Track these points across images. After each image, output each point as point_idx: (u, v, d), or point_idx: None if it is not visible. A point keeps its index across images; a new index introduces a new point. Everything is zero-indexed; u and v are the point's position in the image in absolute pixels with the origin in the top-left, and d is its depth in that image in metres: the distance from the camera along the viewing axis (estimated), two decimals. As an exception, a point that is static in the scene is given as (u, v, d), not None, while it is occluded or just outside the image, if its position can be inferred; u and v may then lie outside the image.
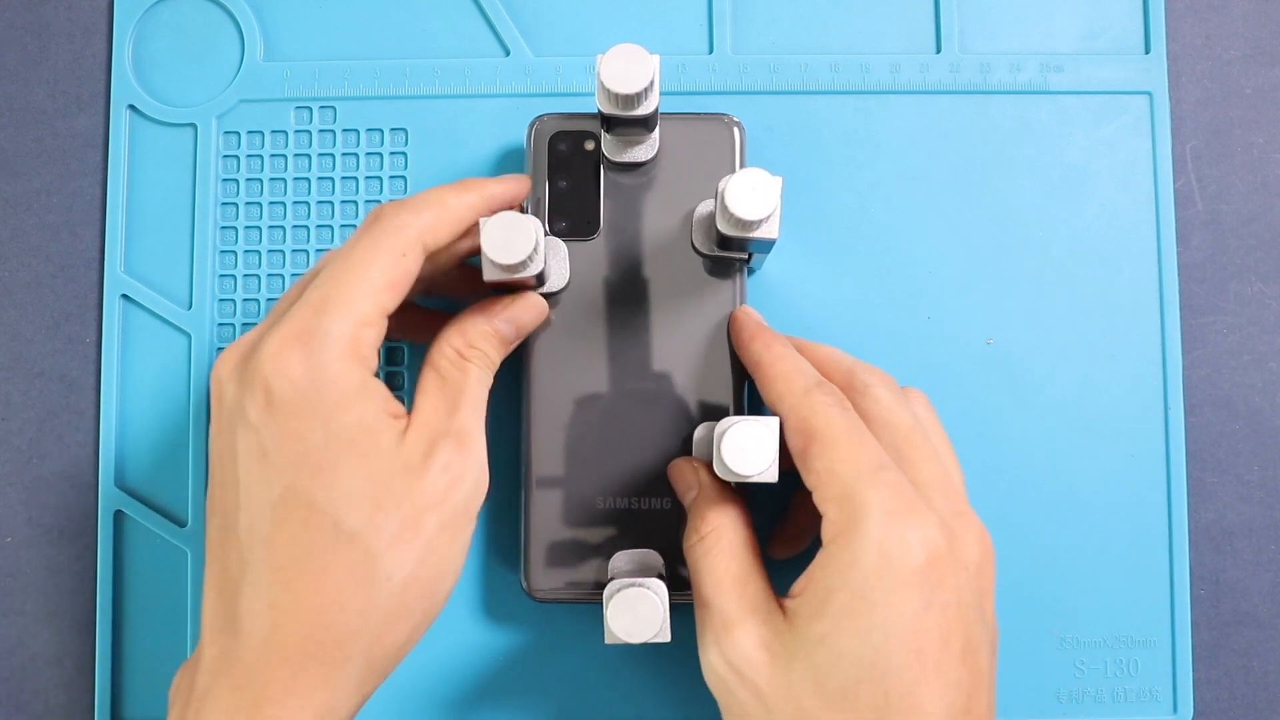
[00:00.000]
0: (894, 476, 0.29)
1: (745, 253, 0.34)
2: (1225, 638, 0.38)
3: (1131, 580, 0.37)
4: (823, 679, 0.27)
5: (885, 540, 0.27)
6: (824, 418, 0.29)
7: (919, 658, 0.27)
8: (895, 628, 0.27)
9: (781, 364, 0.32)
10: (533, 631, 0.37)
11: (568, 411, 0.34)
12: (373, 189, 0.38)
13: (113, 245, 0.38)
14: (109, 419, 0.38)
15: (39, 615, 0.38)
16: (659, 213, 0.35)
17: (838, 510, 0.28)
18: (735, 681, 0.29)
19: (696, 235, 0.35)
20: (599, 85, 0.31)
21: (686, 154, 0.35)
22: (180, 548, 0.38)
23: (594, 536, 0.34)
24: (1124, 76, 0.39)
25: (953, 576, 0.28)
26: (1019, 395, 0.38)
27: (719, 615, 0.29)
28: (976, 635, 0.28)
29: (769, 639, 0.29)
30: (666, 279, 0.35)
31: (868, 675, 0.27)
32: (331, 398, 0.28)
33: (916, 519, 0.28)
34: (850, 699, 0.27)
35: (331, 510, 0.27)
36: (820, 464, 0.29)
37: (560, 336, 0.35)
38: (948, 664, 0.27)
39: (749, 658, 0.29)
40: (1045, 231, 0.38)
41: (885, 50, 0.39)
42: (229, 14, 0.39)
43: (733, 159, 0.35)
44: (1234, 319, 0.39)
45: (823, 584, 0.28)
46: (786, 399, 0.31)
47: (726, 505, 0.32)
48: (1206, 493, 0.38)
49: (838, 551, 0.28)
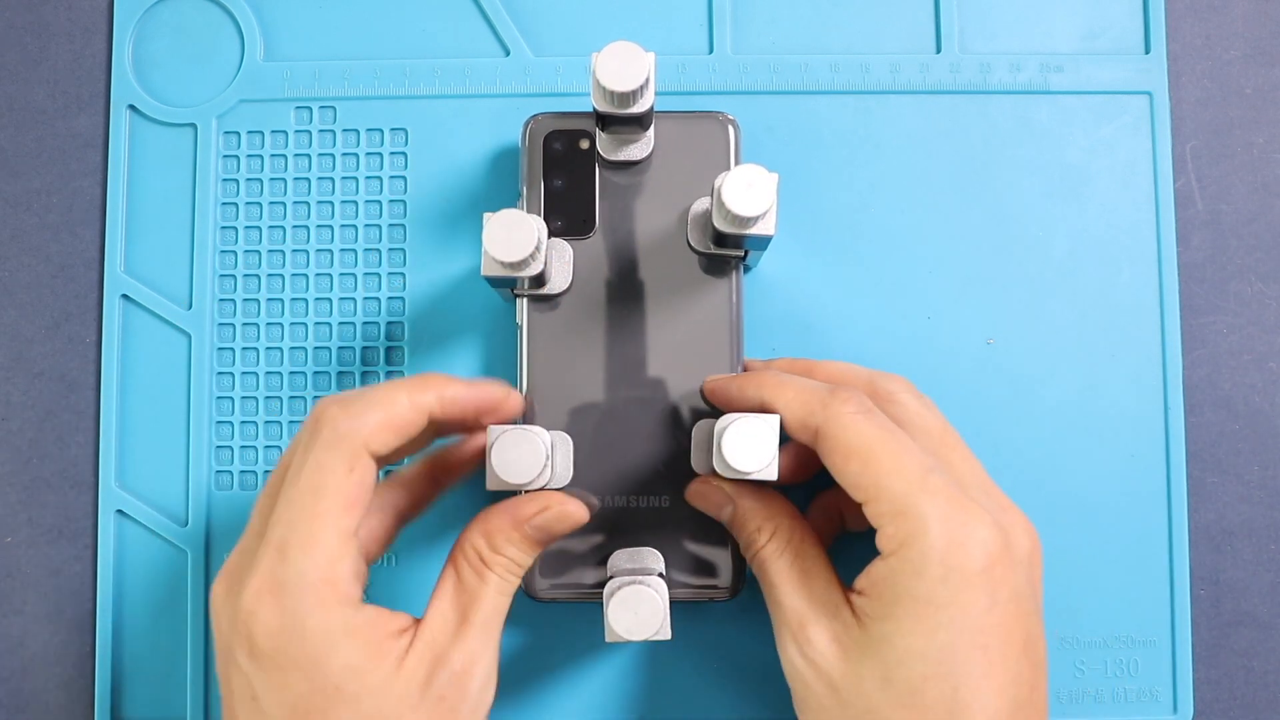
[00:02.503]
0: (941, 478, 0.29)
1: (741, 250, 0.34)
2: (1225, 638, 0.38)
3: (1131, 580, 0.37)
4: (891, 675, 0.28)
5: (948, 549, 0.28)
6: (855, 430, 0.29)
7: (985, 654, 0.28)
8: (962, 627, 0.28)
9: (785, 392, 0.31)
10: (533, 631, 0.37)
11: (564, 410, 0.34)
12: (373, 189, 0.38)
13: (113, 245, 0.38)
14: (109, 419, 0.38)
15: (39, 615, 0.38)
16: (655, 211, 0.35)
17: (894, 525, 0.28)
18: (812, 676, 0.29)
19: (692, 233, 0.34)
20: (594, 82, 0.31)
21: (681, 152, 0.35)
22: (180, 548, 0.38)
23: (593, 535, 0.34)
24: (1124, 76, 0.39)
25: (1010, 572, 0.29)
26: (1019, 395, 0.38)
27: (793, 614, 0.30)
28: (1034, 627, 0.29)
29: (840, 634, 0.29)
30: (663, 277, 0.35)
31: (935, 672, 0.28)
32: (312, 648, 0.27)
33: (973, 522, 0.28)
34: (918, 694, 0.28)
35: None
36: (866, 479, 0.29)
37: (557, 334, 0.35)
38: (1011, 658, 0.28)
39: (824, 653, 0.29)
40: (1045, 231, 0.38)
41: (885, 50, 0.39)
42: (229, 14, 0.39)
43: (728, 156, 0.35)
44: (1234, 319, 0.39)
45: (888, 590, 0.28)
46: (809, 421, 0.30)
47: (774, 506, 0.32)
48: (1206, 493, 0.38)
49: (900, 564, 0.28)
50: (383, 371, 0.38)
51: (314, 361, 0.38)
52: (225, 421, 0.38)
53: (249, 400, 0.38)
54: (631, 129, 0.34)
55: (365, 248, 0.38)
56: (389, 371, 0.38)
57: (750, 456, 0.29)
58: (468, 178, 0.38)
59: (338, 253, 0.38)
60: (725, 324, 0.35)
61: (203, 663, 0.37)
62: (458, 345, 0.38)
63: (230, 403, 0.38)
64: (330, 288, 0.38)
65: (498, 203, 0.38)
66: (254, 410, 0.38)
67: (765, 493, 0.32)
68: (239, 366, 0.38)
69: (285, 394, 0.38)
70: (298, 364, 0.38)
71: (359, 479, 0.28)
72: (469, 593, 0.30)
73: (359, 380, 0.38)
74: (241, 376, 0.38)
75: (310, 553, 0.27)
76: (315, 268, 0.38)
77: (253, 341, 0.38)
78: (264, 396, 0.38)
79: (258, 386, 0.38)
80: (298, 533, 0.27)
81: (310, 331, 0.38)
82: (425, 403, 0.29)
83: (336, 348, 0.38)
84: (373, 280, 0.38)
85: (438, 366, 0.38)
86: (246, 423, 0.38)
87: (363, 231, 0.38)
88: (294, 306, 0.38)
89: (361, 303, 0.38)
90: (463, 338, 0.38)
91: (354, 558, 0.28)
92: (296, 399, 0.38)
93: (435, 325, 0.38)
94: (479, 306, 0.38)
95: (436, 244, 0.38)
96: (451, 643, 0.29)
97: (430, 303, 0.38)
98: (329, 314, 0.38)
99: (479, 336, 0.38)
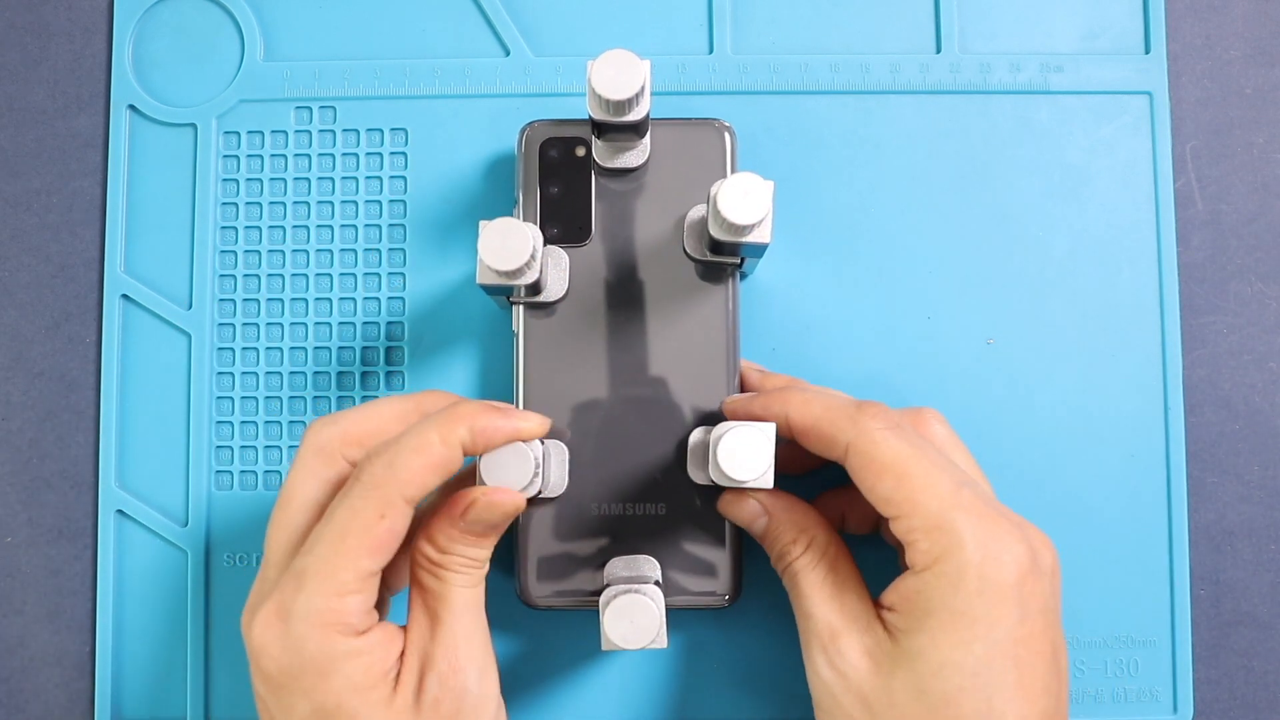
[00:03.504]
0: (973, 493, 0.29)
1: (738, 257, 0.34)
2: (1225, 638, 0.38)
3: (1132, 580, 0.37)
4: (925, 687, 0.28)
5: (983, 564, 0.28)
6: (887, 446, 0.29)
7: (1017, 666, 0.28)
8: (996, 640, 0.28)
9: (811, 408, 0.31)
10: (529, 639, 0.37)
11: (561, 417, 0.34)
12: (373, 189, 0.38)
13: (113, 245, 0.38)
14: (109, 419, 0.38)
15: (39, 615, 0.38)
16: (650, 218, 0.35)
17: (929, 541, 0.29)
18: (841, 688, 0.29)
19: (688, 240, 0.34)
20: (589, 91, 0.31)
21: (677, 159, 0.35)
22: (180, 548, 0.38)
23: (589, 543, 0.34)
24: (1124, 76, 0.39)
25: (1038, 586, 0.29)
26: (1019, 395, 0.38)
27: (824, 625, 0.30)
28: (1060, 638, 0.30)
29: (871, 647, 0.29)
30: (659, 284, 0.35)
31: (970, 684, 0.28)
32: (312, 671, 0.28)
33: (1006, 536, 0.29)
34: (953, 706, 0.28)
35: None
36: (899, 495, 0.29)
37: (553, 342, 0.35)
38: (1040, 669, 0.29)
39: (855, 665, 0.29)
40: (1045, 231, 0.38)
41: (885, 50, 0.39)
42: (229, 14, 0.39)
43: (724, 164, 0.35)
44: (1234, 319, 0.39)
45: (921, 604, 0.29)
46: (839, 438, 0.30)
47: (808, 518, 0.32)
48: (1206, 493, 0.38)
49: (933, 579, 0.28)
50: (382, 372, 0.38)
51: (314, 361, 0.38)
52: (225, 421, 0.38)
53: (249, 400, 0.38)
54: (627, 136, 0.34)
55: (365, 248, 0.38)
56: (389, 372, 0.38)
57: (746, 465, 0.29)
58: (468, 178, 0.38)
59: (337, 253, 0.38)
60: (721, 331, 0.34)
61: (202, 663, 0.37)
62: (457, 344, 0.38)
63: (230, 403, 0.38)
64: (330, 288, 0.38)
65: (497, 204, 0.38)
66: (254, 410, 0.38)
67: (799, 504, 0.32)
68: (239, 366, 0.38)
69: (285, 394, 0.38)
70: (298, 364, 0.38)
71: (389, 525, 0.28)
72: (434, 595, 0.30)
73: (359, 381, 0.38)
74: (241, 376, 0.38)
75: (323, 587, 0.28)
76: (315, 268, 0.38)
77: (253, 341, 0.38)
78: (264, 396, 0.38)
79: (258, 386, 0.38)
80: (317, 569, 0.28)
81: (310, 331, 0.38)
82: (458, 437, 0.29)
83: (336, 347, 0.38)
84: (372, 280, 0.38)
85: (438, 365, 0.38)
86: (246, 423, 0.38)
87: (362, 232, 0.38)
88: (294, 306, 0.38)
89: (361, 303, 0.38)
90: (462, 337, 0.38)
91: (369, 594, 0.29)
92: (296, 399, 0.38)
93: (435, 324, 0.38)
94: (478, 306, 0.38)
95: (436, 244, 0.38)
96: (431, 645, 0.30)
97: (430, 302, 0.38)
98: (329, 314, 0.38)
99: (478, 335, 0.38)
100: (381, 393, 0.38)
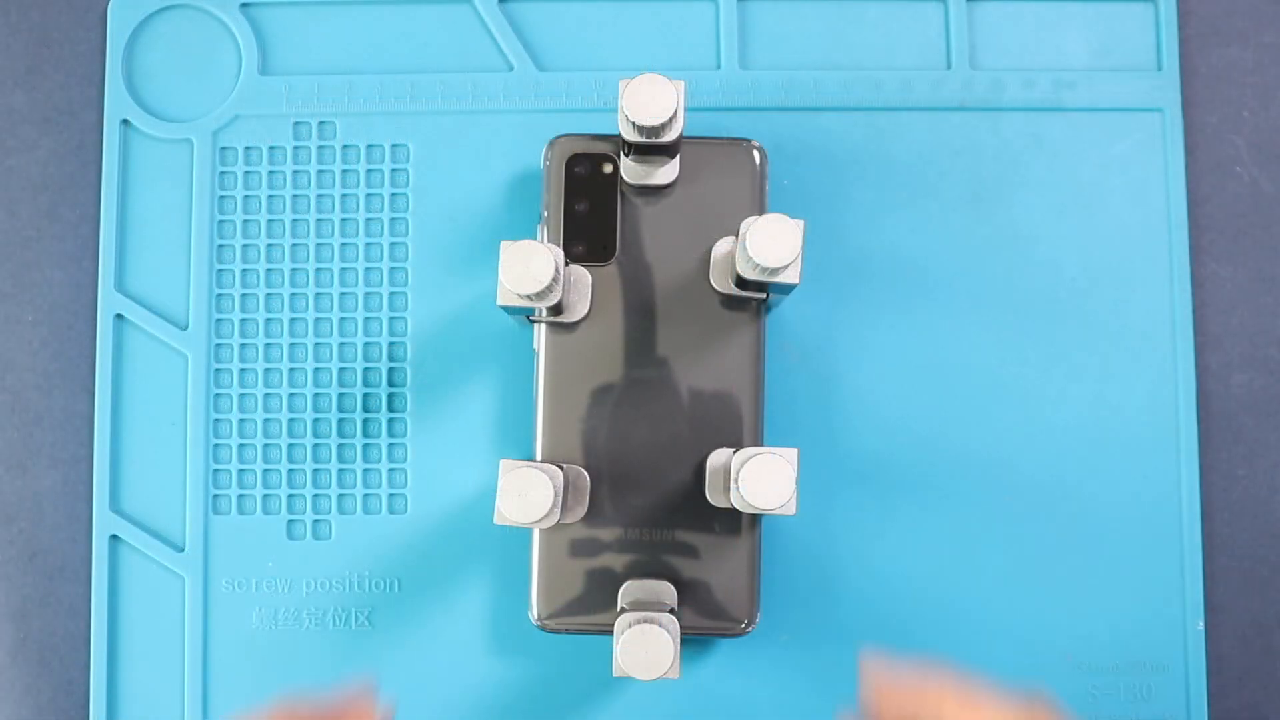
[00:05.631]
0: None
1: (764, 293, 0.34)
2: (1240, 663, 0.37)
3: (1146, 605, 0.37)
4: None
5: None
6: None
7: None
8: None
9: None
10: (542, 663, 0.37)
11: (578, 439, 0.34)
12: (374, 206, 0.38)
13: (106, 264, 0.38)
14: (102, 442, 0.37)
15: (32, 645, 0.37)
16: (677, 239, 0.34)
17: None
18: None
19: (714, 274, 0.34)
20: (621, 114, 0.30)
21: (707, 179, 0.34)
22: (177, 573, 0.37)
23: (605, 566, 0.34)
24: (1137, 93, 0.38)
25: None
26: (1031, 415, 0.37)
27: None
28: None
29: None
30: (682, 310, 0.34)
31: None
32: None
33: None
34: None
35: None
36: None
37: (574, 360, 0.34)
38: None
39: None
40: (1058, 249, 0.38)
41: (897, 66, 0.38)
42: (225, 27, 0.38)
43: (753, 185, 0.34)
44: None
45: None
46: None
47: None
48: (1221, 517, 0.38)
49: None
50: (384, 394, 0.37)
51: (314, 383, 0.37)
52: (223, 444, 0.37)
53: (247, 422, 0.37)
54: (658, 156, 0.33)
55: (367, 266, 0.37)
56: (390, 394, 0.37)
57: (769, 493, 0.29)
58: (471, 194, 0.38)
59: (338, 272, 0.37)
60: (747, 362, 0.34)
61: (200, 691, 0.37)
62: (461, 365, 0.37)
63: (228, 424, 0.37)
64: (330, 307, 0.37)
65: (501, 221, 0.38)
66: (252, 432, 0.37)
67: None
68: (237, 388, 0.37)
69: (284, 416, 0.37)
70: (297, 385, 0.37)
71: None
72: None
73: (360, 402, 0.37)
74: (239, 398, 0.37)
75: None
76: (315, 287, 0.37)
77: (251, 362, 0.37)
78: (262, 419, 0.37)
79: (256, 408, 0.37)
80: None
81: (310, 352, 0.37)
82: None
83: (337, 369, 0.37)
84: (375, 300, 0.37)
85: (442, 389, 0.37)
86: (245, 445, 0.37)
87: (364, 250, 0.37)
88: (293, 326, 0.37)
89: (363, 323, 0.37)
90: (465, 357, 0.37)
91: None
92: (296, 420, 0.37)
93: (438, 345, 0.37)
94: (482, 326, 0.37)
95: (440, 262, 0.37)
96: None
97: (434, 323, 0.37)
98: (329, 334, 0.37)
99: (481, 356, 0.37)
100: (383, 416, 0.37)
